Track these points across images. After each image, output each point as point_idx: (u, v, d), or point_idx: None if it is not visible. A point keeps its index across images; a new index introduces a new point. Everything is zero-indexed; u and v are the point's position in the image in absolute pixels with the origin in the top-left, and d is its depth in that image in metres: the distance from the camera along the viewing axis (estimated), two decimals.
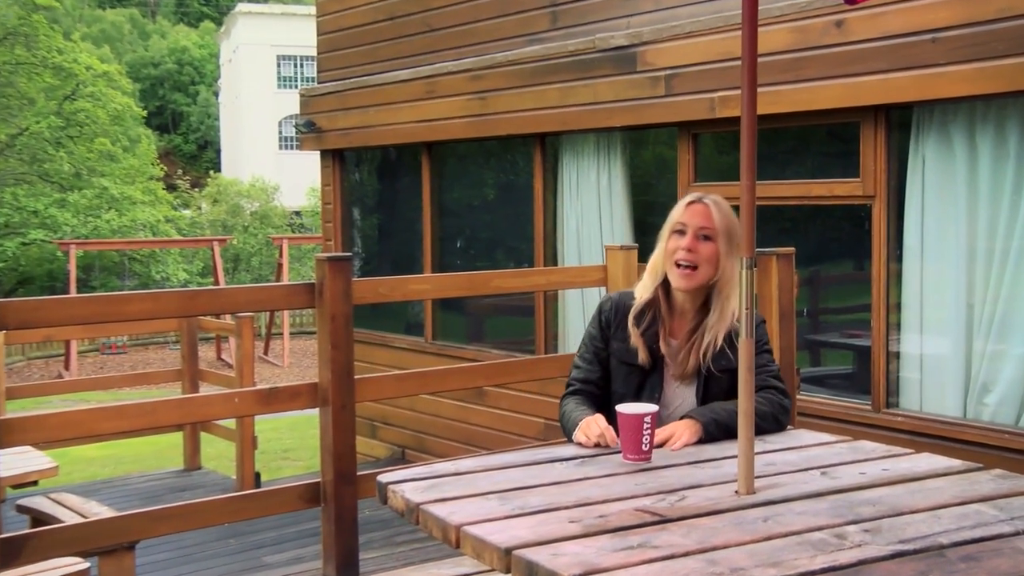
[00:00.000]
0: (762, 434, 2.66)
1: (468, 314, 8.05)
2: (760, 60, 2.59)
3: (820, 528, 1.94)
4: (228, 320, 9.51)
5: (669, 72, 5.84)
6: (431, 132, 7.52)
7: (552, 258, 6.93)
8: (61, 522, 4.09)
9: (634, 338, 2.77)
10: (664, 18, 5.93)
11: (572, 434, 2.65)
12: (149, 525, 3.69)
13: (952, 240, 4.84)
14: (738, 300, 2.80)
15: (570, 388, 2.85)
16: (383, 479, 2.33)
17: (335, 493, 3.91)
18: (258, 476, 7.38)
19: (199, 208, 32.25)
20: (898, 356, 5.05)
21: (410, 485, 2.27)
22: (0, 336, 6.83)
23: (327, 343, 3.91)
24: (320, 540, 4.11)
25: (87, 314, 3.74)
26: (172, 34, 53.34)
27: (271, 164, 36.36)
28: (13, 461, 4.75)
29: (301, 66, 39.66)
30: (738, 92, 4.37)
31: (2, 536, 3.45)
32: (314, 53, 9.17)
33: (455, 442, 7.45)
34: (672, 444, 2.56)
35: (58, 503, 4.54)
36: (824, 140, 5.59)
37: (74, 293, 19.66)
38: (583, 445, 2.56)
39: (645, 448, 2.43)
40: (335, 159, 8.75)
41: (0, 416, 5.45)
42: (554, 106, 6.55)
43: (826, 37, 5.04)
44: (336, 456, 3.90)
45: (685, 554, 1.80)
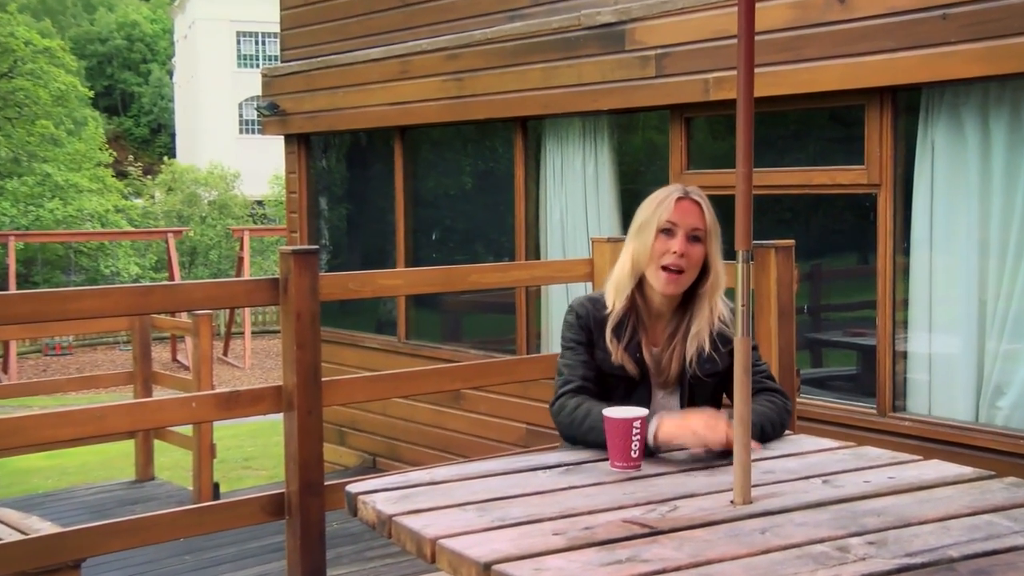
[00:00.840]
0: (769, 441, 2.68)
1: (444, 311, 8.04)
2: (758, 38, 2.60)
3: (822, 540, 1.95)
4: (184, 318, 9.47)
5: (660, 51, 5.85)
6: (404, 115, 7.51)
7: (534, 251, 6.93)
8: None
9: (618, 354, 2.74)
10: None
11: (587, 435, 2.58)
12: (97, 541, 3.67)
13: (963, 231, 4.87)
14: (723, 301, 2.82)
15: (570, 385, 2.73)
16: (353, 489, 2.33)
17: (301, 505, 3.90)
18: (217, 487, 7.36)
19: (152, 197, 32.09)
20: (905, 356, 5.08)
21: (382, 495, 2.27)
22: None
23: (292, 343, 3.90)
24: (284, 556, 4.10)
25: (28, 312, 3.71)
26: (121, 7, 52.94)
27: (231, 150, 36.20)
28: None
29: (263, 43, 39.50)
30: (734, 73, 4.39)
31: None
32: (277, 29, 9.13)
33: (430, 449, 7.45)
34: (723, 436, 2.44)
35: None
36: (826, 124, 5.61)
37: (13, 290, 19.53)
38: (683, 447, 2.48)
39: (634, 455, 2.44)
40: (300, 144, 8.72)
41: None
42: (536, 88, 6.55)
43: (828, 13, 5.06)
44: (302, 465, 3.90)
45: (677, 568, 1.80)
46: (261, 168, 30.88)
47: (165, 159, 35.81)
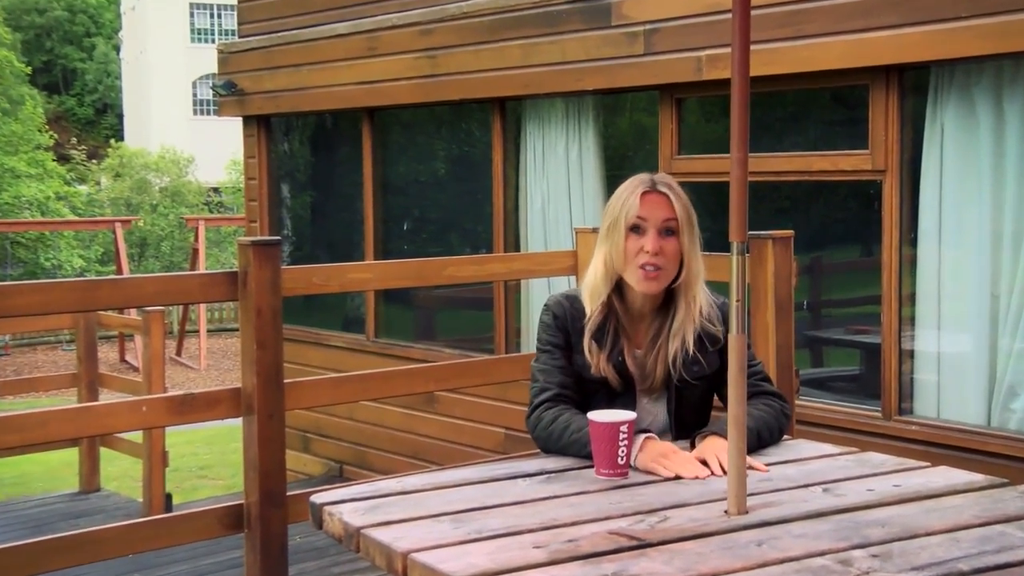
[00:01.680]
0: (766, 447, 2.69)
1: (417, 308, 8.04)
2: (754, 13, 2.61)
3: (822, 553, 1.96)
4: (133, 315, 9.42)
5: (649, 27, 5.86)
6: (373, 96, 7.49)
7: (514, 243, 6.94)
8: None
9: (599, 361, 2.74)
10: None
11: (566, 449, 2.60)
12: (37, 559, 3.65)
13: (975, 221, 4.90)
14: (706, 295, 2.82)
15: (547, 393, 2.74)
16: (317, 499, 2.33)
17: (261, 517, 3.89)
18: (169, 498, 7.33)
19: (97, 183, 31.90)
20: (912, 355, 5.12)
21: (349, 506, 2.27)
22: None
23: (252, 342, 3.89)
24: (243, 573, 4.10)
25: None
26: None
27: (184, 132, 36.03)
28: None
29: (219, 16, 39.29)
30: (728, 50, 4.40)
31: None
32: (235, 1, 9.09)
33: (401, 456, 7.45)
34: (717, 470, 2.48)
35: None
36: (827, 106, 5.64)
37: None
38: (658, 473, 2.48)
39: (621, 462, 2.44)
40: (260, 127, 8.69)
41: None
42: (516, 66, 6.55)
43: None
44: (262, 473, 3.89)
45: None
46: (217, 152, 30.73)
47: (112, 142, 35.59)
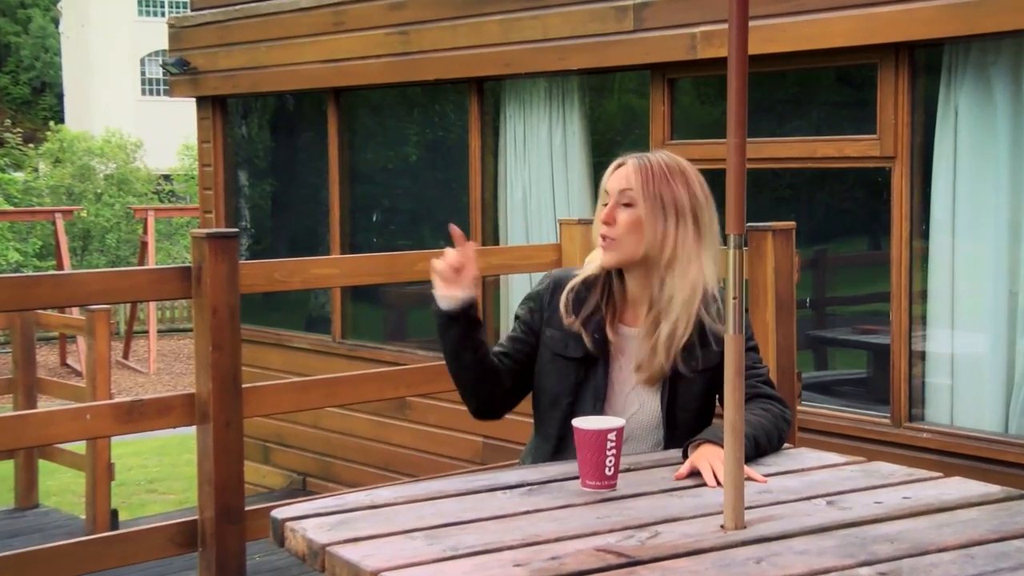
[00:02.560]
0: (765, 456, 2.71)
1: (387, 306, 8.03)
2: None
3: (826, 571, 1.97)
4: (75, 315, 9.37)
5: (639, 1, 5.87)
6: (339, 75, 7.48)
7: (493, 235, 6.94)
8: None
9: (571, 322, 2.80)
10: None
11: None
12: None
13: (991, 212, 4.92)
14: (698, 281, 2.82)
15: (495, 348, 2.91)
16: (279, 515, 2.33)
17: (217, 534, 3.89)
18: (115, 514, 7.30)
19: (35, 170, 31.68)
20: (923, 357, 5.14)
21: (313, 522, 2.27)
22: None
23: (207, 343, 3.89)
24: None
25: None
26: None
27: (131, 114, 35.85)
28: None
29: None
30: (725, 27, 4.40)
31: None
32: None
33: (370, 467, 7.44)
34: (711, 480, 2.49)
35: None
36: (832, 87, 5.66)
37: None
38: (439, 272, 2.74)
39: (609, 472, 2.45)
40: (216, 109, 8.66)
41: None
42: (495, 43, 6.55)
43: None
44: (218, 487, 3.88)
45: None
46: (168, 136, 30.59)
47: (51, 124, 35.37)
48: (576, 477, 2.51)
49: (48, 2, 49.05)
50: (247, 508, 3.97)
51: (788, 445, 2.86)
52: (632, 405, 2.81)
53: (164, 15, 34.93)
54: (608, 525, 2.22)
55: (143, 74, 38.95)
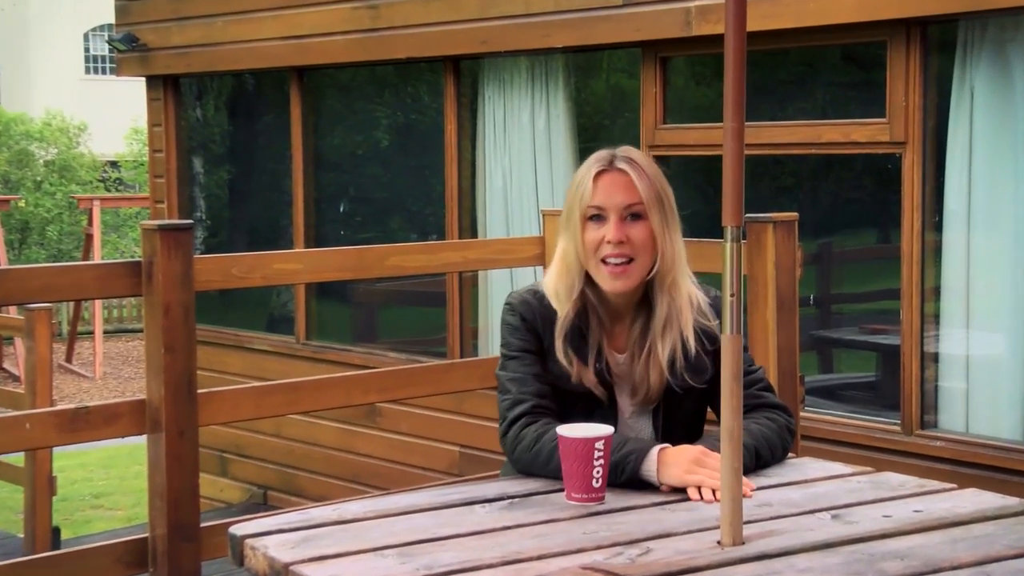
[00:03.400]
0: (766, 468, 2.72)
1: (356, 304, 8.02)
2: None
3: None
4: (14, 314, 9.33)
5: None
6: (303, 53, 7.46)
7: (470, 227, 6.94)
8: None
9: (579, 370, 2.75)
10: None
11: (559, 472, 2.55)
12: None
13: (1010, 202, 4.95)
14: (690, 287, 2.83)
15: (524, 405, 2.72)
16: (238, 531, 2.33)
17: (169, 553, 3.88)
18: (57, 532, 7.27)
19: None
20: (936, 359, 5.16)
21: (276, 539, 2.27)
22: None
23: (158, 345, 3.88)
24: None
25: None
26: None
27: (74, 95, 35.66)
28: None
29: None
30: (722, 1, 4.41)
31: None
32: None
33: (338, 480, 7.43)
34: (707, 493, 2.48)
35: None
36: (838, 67, 5.68)
37: None
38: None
39: (596, 484, 2.46)
40: (168, 89, 8.63)
41: None
42: (472, 19, 6.54)
43: None
44: (171, 502, 3.88)
45: None
46: (115, 119, 30.44)
47: None
48: (561, 489, 2.51)
49: None
50: (203, 524, 3.96)
51: (790, 454, 2.87)
52: (629, 433, 2.80)
53: None
54: (595, 541, 2.23)
55: (87, 51, 38.74)
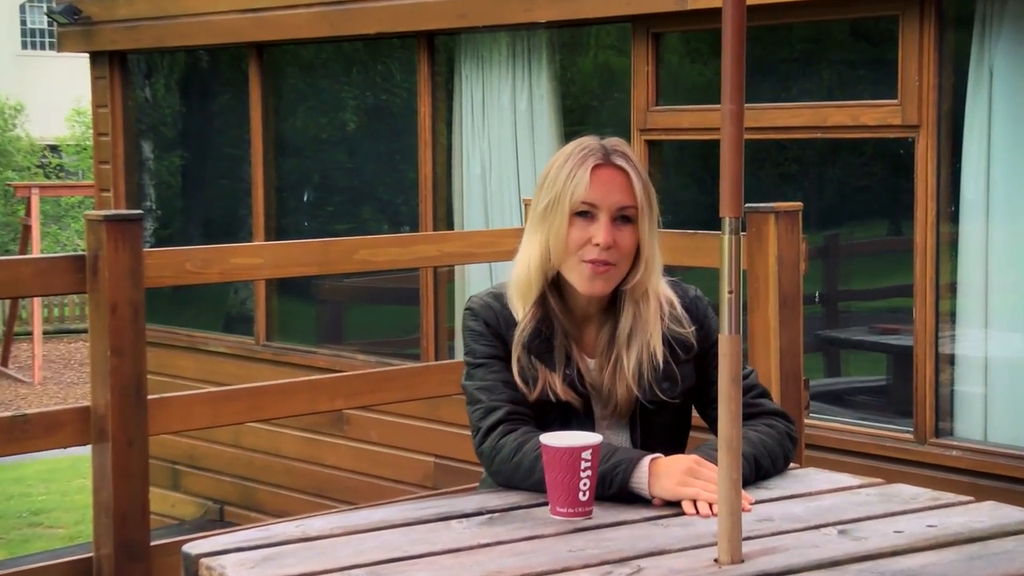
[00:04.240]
0: (767, 479, 2.73)
1: (321, 302, 8.01)
2: None
3: None
4: None
5: None
6: (262, 28, 7.44)
7: (446, 218, 6.94)
8: None
9: (549, 381, 2.75)
10: None
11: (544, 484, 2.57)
12: None
13: None
14: (662, 289, 2.83)
15: (498, 413, 2.72)
16: (192, 550, 2.33)
17: (116, 574, 3.87)
18: None
19: None
20: (952, 361, 5.18)
21: (234, 558, 2.27)
22: None
23: (104, 347, 3.87)
24: None
25: None
26: None
27: (9, 73, 35.52)
28: None
29: None
30: None
31: None
32: None
33: (301, 494, 7.43)
34: (704, 508, 2.48)
35: None
36: (847, 44, 5.69)
37: None
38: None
39: (583, 497, 2.46)
40: (114, 67, 8.60)
41: None
42: None
43: None
44: (118, 518, 3.87)
45: None
46: (55, 99, 30.34)
47: None
48: (544, 503, 2.52)
49: None
50: (153, 543, 3.95)
51: (794, 465, 2.88)
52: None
53: None
54: (582, 560, 2.23)
55: (24, 24, 38.57)
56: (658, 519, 2.47)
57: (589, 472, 2.45)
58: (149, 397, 3.96)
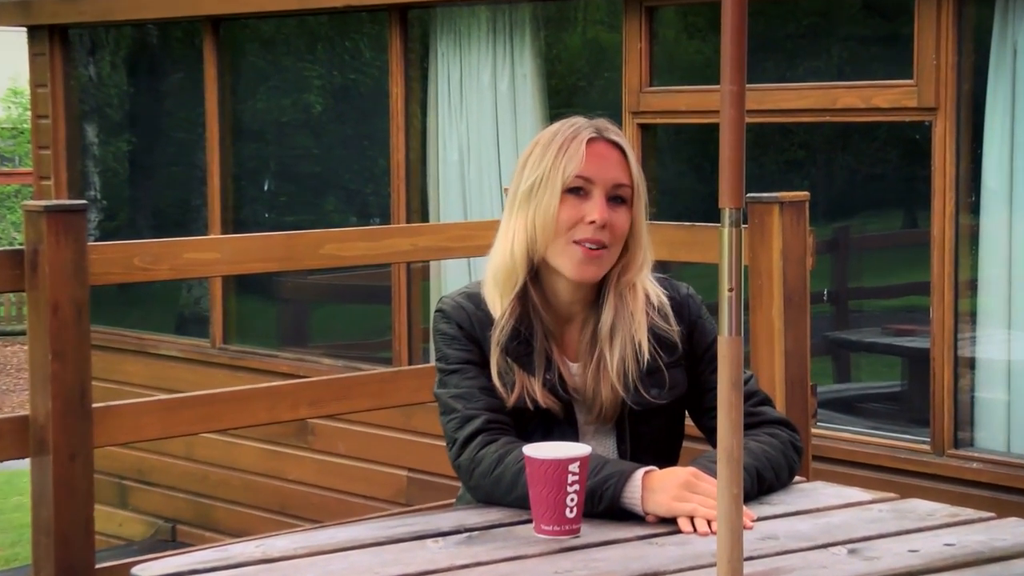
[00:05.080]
0: (770, 493, 2.74)
1: (283, 301, 8.00)
2: None
3: None
4: None
5: None
6: (219, 0, 7.45)
7: (421, 209, 6.94)
8: None
9: (528, 385, 2.76)
10: None
11: (527, 500, 2.56)
12: None
13: None
14: (653, 283, 2.84)
15: (475, 422, 2.72)
16: (141, 573, 2.33)
17: None
18: None
19: None
20: (972, 365, 5.19)
21: None
22: None
23: (45, 350, 3.86)
24: None
25: None
26: None
27: None
28: None
29: None
30: None
31: None
32: None
33: (261, 511, 7.42)
34: (702, 525, 2.48)
35: None
36: (858, 19, 5.70)
37: None
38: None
39: (570, 514, 2.47)
40: (54, 43, 8.58)
41: None
42: None
43: None
44: (60, 538, 3.87)
45: None
46: None
47: None
48: (528, 520, 2.52)
49: None
50: (98, 566, 3.95)
51: (800, 478, 2.89)
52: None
53: None
54: None
55: None
56: (652, 537, 2.48)
57: (577, 486, 2.45)
58: (94, 405, 3.95)
